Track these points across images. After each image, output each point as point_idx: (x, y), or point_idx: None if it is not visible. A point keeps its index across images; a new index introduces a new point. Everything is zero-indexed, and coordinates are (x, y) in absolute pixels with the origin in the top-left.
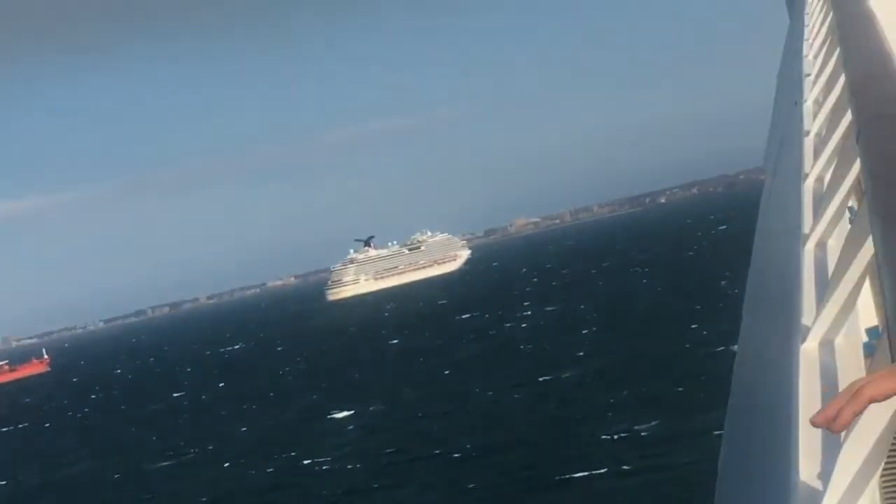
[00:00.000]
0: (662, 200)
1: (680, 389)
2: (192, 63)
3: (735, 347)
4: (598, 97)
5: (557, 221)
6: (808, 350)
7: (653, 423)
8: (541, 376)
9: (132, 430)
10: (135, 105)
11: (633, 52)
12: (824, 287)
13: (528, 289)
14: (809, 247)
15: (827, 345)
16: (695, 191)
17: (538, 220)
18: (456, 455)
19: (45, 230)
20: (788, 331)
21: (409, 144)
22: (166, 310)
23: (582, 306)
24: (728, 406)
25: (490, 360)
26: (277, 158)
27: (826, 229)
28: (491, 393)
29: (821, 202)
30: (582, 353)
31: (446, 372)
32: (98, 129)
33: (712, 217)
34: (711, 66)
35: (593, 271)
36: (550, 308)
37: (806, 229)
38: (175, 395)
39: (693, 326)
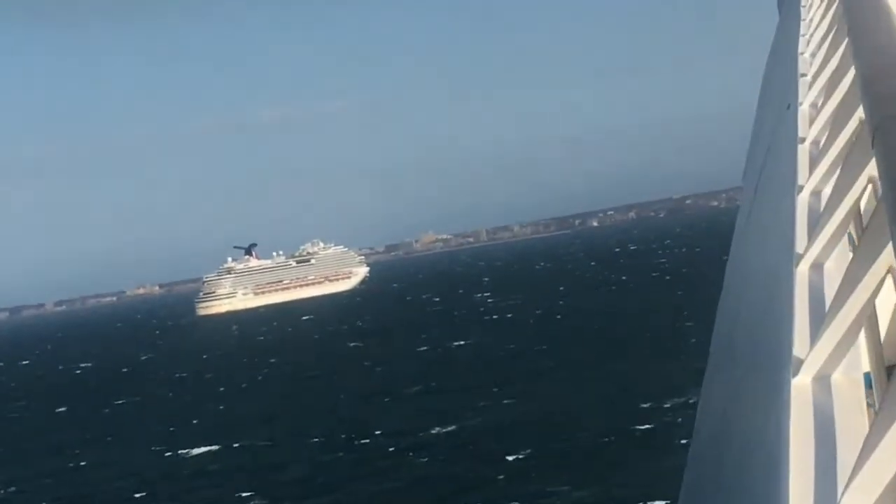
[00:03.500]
0: (594, 223)
1: (604, 446)
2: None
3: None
4: (522, 101)
5: (471, 240)
6: (800, 386)
7: (562, 487)
8: (430, 425)
9: None
10: None
11: (567, 49)
12: (820, 313)
13: (429, 316)
14: (803, 268)
15: (822, 380)
16: (632, 214)
17: (448, 237)
18: None
19: None
20: (776, 365)
21: (300, 139)
22: (5, 315)
23: (488, 341)
24: (690, 451)
25: (374, 399)
26: (142, 145)
27: (825, 247)
28: (366, 440)
29: (819, 217)
30: (483, 403)
31: (325, 407)
32: None
33: (654, 246)
34: (663, 72)
35: (502, 302)
36: (455, 342)
37: (799, 248)
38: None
39: (619, 376)
